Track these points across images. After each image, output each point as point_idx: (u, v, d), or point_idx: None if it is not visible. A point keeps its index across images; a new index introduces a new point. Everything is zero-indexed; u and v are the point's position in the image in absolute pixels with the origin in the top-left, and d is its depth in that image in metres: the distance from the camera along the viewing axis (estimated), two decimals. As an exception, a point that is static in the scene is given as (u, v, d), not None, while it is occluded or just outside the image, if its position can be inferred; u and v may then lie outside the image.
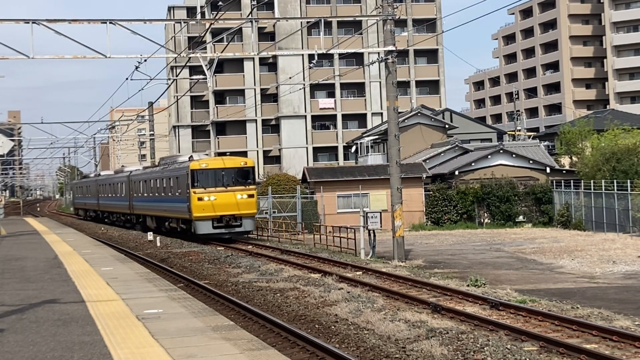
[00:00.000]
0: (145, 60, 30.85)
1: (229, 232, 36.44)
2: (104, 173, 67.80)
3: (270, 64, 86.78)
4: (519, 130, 79.79)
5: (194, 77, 76.24)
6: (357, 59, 78.48)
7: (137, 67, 34.22)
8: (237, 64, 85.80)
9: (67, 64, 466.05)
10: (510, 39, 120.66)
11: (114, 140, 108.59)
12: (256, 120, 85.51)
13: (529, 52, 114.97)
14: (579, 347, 13.22)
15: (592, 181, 43.02)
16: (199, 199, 35.92)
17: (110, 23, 27.06)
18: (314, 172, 48.98)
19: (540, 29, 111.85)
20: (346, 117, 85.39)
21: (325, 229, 37.57)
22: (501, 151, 49.57)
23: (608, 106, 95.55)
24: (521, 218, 47.20)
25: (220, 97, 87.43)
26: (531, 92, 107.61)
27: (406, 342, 13.89)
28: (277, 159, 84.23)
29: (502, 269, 26.54)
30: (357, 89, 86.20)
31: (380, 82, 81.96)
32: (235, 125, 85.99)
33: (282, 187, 51.04)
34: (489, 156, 49.35)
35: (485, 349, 13.01)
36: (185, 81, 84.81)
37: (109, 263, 23.23)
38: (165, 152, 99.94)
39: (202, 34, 63.98)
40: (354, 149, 66.47)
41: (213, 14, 79.53)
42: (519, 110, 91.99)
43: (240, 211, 36.17)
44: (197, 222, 36.14)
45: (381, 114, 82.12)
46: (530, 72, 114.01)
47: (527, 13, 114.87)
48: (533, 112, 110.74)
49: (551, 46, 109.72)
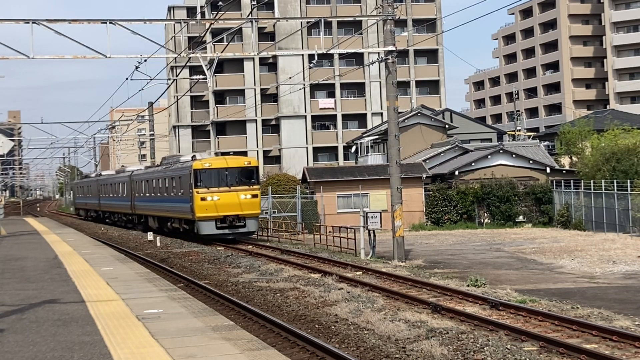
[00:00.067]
0: (145, 60, 30.87)
1: (232, 232, 36.07)
2: (105, 173, 67.07)
3: (270, 64, 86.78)
4: (519, 130, 79.77)
5: (194, 77, 76.21)
6: (357, 59, 78.46)
7: (137, 67, 34.21)
8: (237, 64, 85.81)
9: (67, 64, 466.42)
10: (510, 39, 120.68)
11: (114, 140, 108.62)
12: (256, 120, 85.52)
13: (529, 52, 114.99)
14: (579, 347, 13.23)
15: (592, 181, 43.02)
16: (202, 199, 35.54)
17: (110, 23, 27.07)
18: (314, 172, 48.98)
19: (540, 29, 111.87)
20: (346, 117, 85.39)
21: (325, 229, 37.56)
22: (501, 151, 49.57)
23: (608, 106, 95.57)
24: (521, 218, 47.21)
25: (220, 97, 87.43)
26: (531, 92, 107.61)
27: (406, 342, 13.89)
28: (277, 159, 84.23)
29: (502, 269, 26.54)
30: (357, 89, 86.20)
31: (380, 82, 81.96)
32: (235, 125, 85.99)
33: (282, 187, 51.06)
34: (489, 156, 49.35)
35: (485, 349, 13.01)
36: (185, 81, 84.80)
37: (109, 263, 23.23)
38: (165, 152, 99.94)
39: (202, 34, 64.00)
40: (354, 149, 66.46)
41: (213, 14, 79.53)
42: (519, 110, 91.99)
43: (243, 211, 35.78)
44: (200, 222, 35.82)
45: (381, 114, 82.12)
46: (530, 72, 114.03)
47: (527, 13, 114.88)
48: (533, 112, 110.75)
49: (551, 46, 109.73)
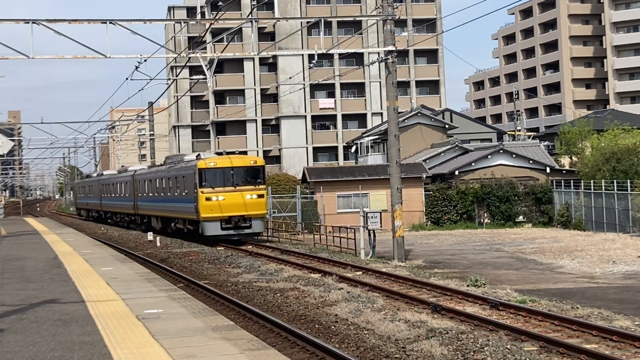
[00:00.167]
0: (145, 60, 30.85)
1: (237, 233, 35.22)
2: (107, 172, 66.39)
3: (270, 64, 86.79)
4: (519, 130, 79.77)
5: (194, 77, 76.17)
6: (357, 59, 78.47)
7: (137, 67, 34.18)
8: (237, 64, 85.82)
9: (67, 64, 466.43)
10: (510, 39, 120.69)
11: (114, 140, 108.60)
12: (256, 120, 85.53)
13: (529, 52, 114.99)
14: (579, 347, 13.22)
15: (592, 181, 43.03)
16: (207, 199, 34.76)
17: (110, 23, 27.06)
18: (314, 172, 48.97)
19: (540, 29, 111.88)
20: (346, 117, 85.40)
21: (325, 229, 37.54)
22: (501, 151, 49.57)
23: (608, 106, 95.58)
24: (521, 218, 47.20)
25: (220, 97, 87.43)
26: (531, 92, 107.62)
27: (406, 342, 13.89)
28: (277, 159, 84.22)
29: (502, 269, 26.54)
30: (357, 89, 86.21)
31: (380, 82, 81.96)
32: (235, 125, 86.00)
33: (282, 187, 51.06)
34: (489, 156, 49.35)
35: (485, 349, 13.01)
36: (185, 81, 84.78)
37: (109, 263, 23.23)
38: (165, 152, 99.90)
39: (202, 34, 64.00)
40: (354, 149, 66.46)
41: (213, 14, 79.53)
42: (519, 110, 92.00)
43: (249, 212, 34.95)
44: (205, 223, 35.00)
45: (381, 114, 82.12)
46: (530, 72, 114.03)
47: (527, 13, 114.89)
48: (533, 112, 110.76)
49: (551, 46, 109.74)
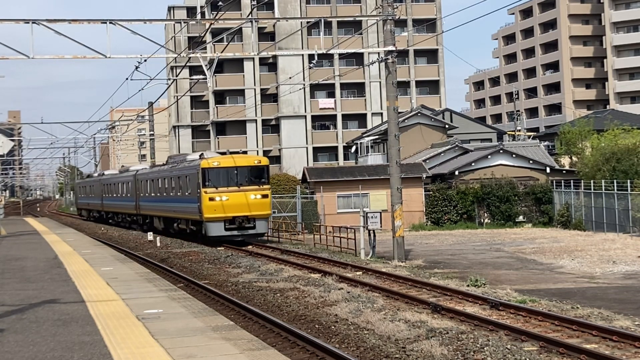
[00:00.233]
0: (145, 60, 30.85)
1: (241, 234, 34.86)
2: (108, 172, 65.95)
3: (270, 64, 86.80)
4: (519, 130, 79.77)
5: (194, 77, 76.18)
6: (357, 59, 78.47)
7: (137, 67, 34.17)
8: (237, 64, 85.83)
9: (67, 64, 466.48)
10: (510, 39, 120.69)
11: (114, 140, 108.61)
12: (256, 120, 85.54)
13: (529, 52, 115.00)
14: (579, 347, 13.22)
15: (592, 181, 43.02)
16: (211, 199, 34.35)
17: (110, 23, 27.06)
18: (314, 172, 48.97)
19: (540, 29, 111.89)
20: (346, 117, 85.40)
21: (325, 229, 37.53)
22: (501, 151, 49.57)
23: (608, 106, 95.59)
24: (521, 218, 47.20)
25: (220, 97, 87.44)
26: (531, 92, 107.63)
27: (406, 342, 13.89)
28: (277, 159, 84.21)
29: (502, 269, 26.54)
30: (357, 89, 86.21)
31: (380, 82, 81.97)
32: (235, 125, 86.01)
33: (282, 187, 51.07)
34: (489, 156, 49.35)
35: (485, 349, 13.01)
36: (185, 81, 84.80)
37: (109, 263, 23.23)
38: (165, 152, 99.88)
39: (202, 34, 64.01)
40: (354, 149, 66.46)
41: (213, 14, 79.53)
42: (519, 110, 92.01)
43: (253, 212, 34.59)
44: (208, 223, 34.62)
45: (381, 114, 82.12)
46: (530, 72, 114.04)
47: (527, 13, 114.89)
48: (533, 112, 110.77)
49: (551, 46, 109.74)
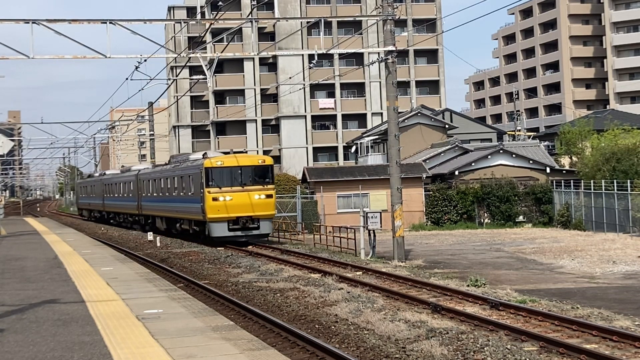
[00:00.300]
0: (145, 60, 30.83)
1: (245, 234, 34.46)
2: (109, 172, 65.47)
3: (270, 64, 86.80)
4: (519, 130, 79.78)
5: (194, 77, 76.17)
6: (357, 59, 78.47)
7: (137, 67, 34.15)
8: (237, 64, 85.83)
9: (67, 64, 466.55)
10: (510, 39, 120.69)
11: (114, 140, 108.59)
12: (256, 120, 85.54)
13: (529, 52, 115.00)
14: (579, 347, 13.22)
15: (592, 181, 43.02)
16: (214, 199, 33.94)
17: (110, 23, 27.06)
18: (314, 172, 48.96)
19: (540, 29, 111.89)
20: (346, 117, 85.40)
21: (325, 229, 37.53)
22: (501, 151, 49.57)
23: (608, 106, 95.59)
24: (521, 218, 47.20)
25: (220, 97, 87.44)
26: (531, 92, 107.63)
27: (406, 342, 13.89)
28: (277, 159, 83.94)
29: (502, 269, 26.54)
30: (357, 89, 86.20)
31: (380, 82, 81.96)
32: (235, 125, 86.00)
33: (282, 187, 51.03)
34: (489, 156, 49.35)
35: (485, 349, 13.00)
36: (185, 81, 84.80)
37: (109, 263, 23.23)
38: (165, 152, 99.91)
39: (202, 34, 64.02)
40: (354, 149, 66.46)
41: (213, 14, 79.53)
42: (519, 110, 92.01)
43: (257, 212, 34.21)
44: (212, 224, 34.20)
45: (381, 114, 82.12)
46: (530, 72, 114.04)
47: (527, 13, 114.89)
48: (533, 112, 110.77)
49: (551, 46, 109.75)
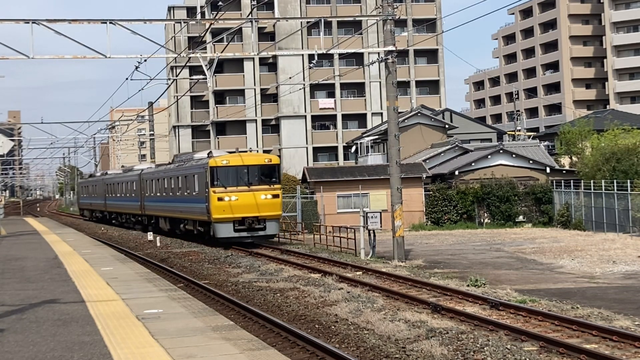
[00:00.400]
0: (145, 60, 30.83)
1: (251, 235, 33.78)
2: (111, 172, 64.83)
3: (270, 64, 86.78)
4: (519, 130, 79.80)
5: (194, 77, 76.16)
6: (357, 59, 78.45)
7: (137, 67, 34.14)
8: (237, 64, 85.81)
9: (67, 64, 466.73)
10: (510, 39, 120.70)
11: (114, 140, 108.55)
12: (256, 120, 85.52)
13: (529, 52, 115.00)
14: (579, 347, 13.22)
15: (592, 181, 43.02)
16: (219, 199, 33.22)
17: (110, 23, 27.06)
18: (314, 172, 48.97)
19: (540, 29, 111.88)
20: (346, 117, 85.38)
21: (325, 229, 37.53)
22: (501, 151, 49.57)
23: (608, 106, 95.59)
24: (521, 218, 47.20)
25: (220, 97, 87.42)
26: (531, 92, 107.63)
27: (406, 342, 13.89)
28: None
29: (502, 269, 26.54)
30: (357, 89, 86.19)
31: (380, 82, 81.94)
32: (235, 125, 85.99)
33: (282, 187, 50.92)
34: (489, 156, 49.35)
35: (485, 349, 13.01)
36: (185, 81, 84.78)
37: (109, 263, 23.23)
38: (166, 152, 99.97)
39: (202, 34, 64.03)
40: (354, 149, 66.45)
41: (213, 14, 79.53)
42: (519, 110, 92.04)
43: (263, 213, 33.57)
44: (217, 224, 33.46)
45: (381, 114, 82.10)
46: (530, 72, 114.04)
47: (527, 13, 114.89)
48: (533, 112, 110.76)
49: (551, 46, 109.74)
